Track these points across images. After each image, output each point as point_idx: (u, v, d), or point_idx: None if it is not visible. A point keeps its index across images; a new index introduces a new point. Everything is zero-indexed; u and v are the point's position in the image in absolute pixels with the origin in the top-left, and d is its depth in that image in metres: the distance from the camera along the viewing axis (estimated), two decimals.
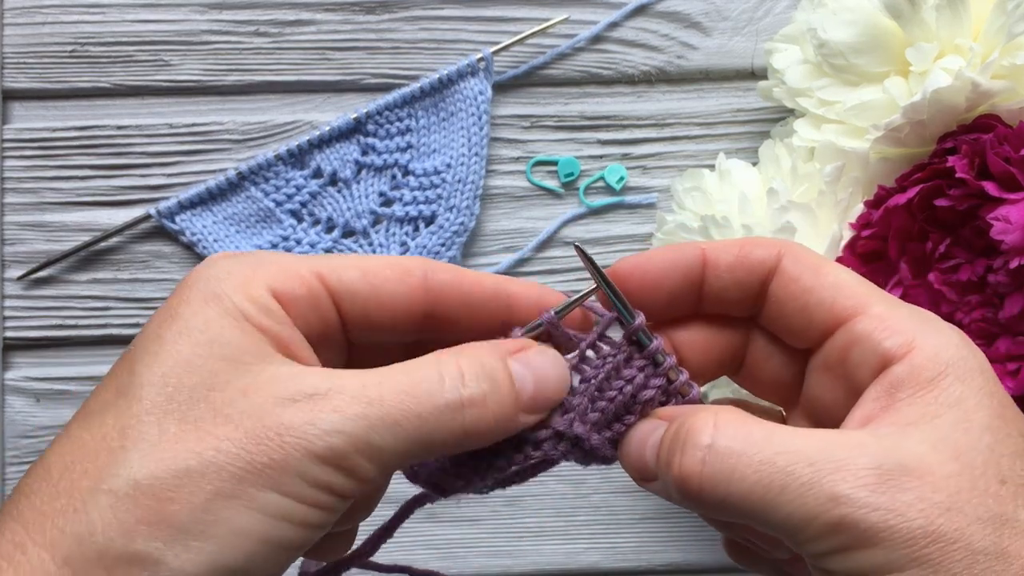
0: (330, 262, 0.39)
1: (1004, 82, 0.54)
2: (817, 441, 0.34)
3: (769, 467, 0.34)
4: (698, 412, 0.37)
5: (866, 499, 0.33)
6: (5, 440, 0.70)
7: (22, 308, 0.71)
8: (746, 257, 0.40)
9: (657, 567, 0.71)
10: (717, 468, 0.35)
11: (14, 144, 0.71)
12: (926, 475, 0.33)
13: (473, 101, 0.70)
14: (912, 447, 0.34)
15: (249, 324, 0.36)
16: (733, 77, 0.72)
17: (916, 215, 0.55)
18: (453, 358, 0.37)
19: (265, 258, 0.38)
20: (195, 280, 0.37)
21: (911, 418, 0.35)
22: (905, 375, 0.36)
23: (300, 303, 0.37)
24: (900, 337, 0.37)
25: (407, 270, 0.39)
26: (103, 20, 0.71)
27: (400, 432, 0.34)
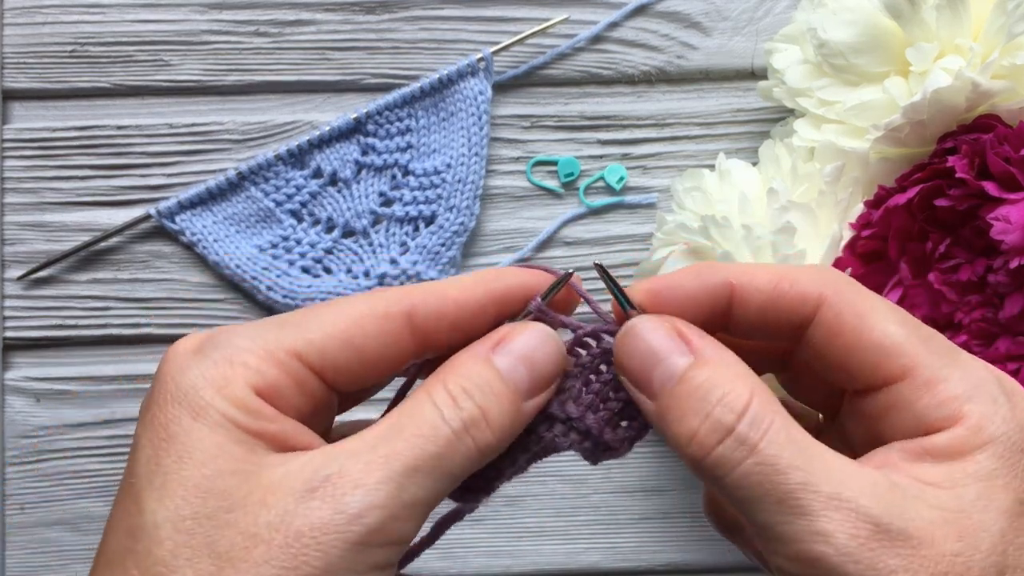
0: (304, 333, 0.36)
1: (1004, 82, 0.54)
2: (835, 471, 0.33)
3: (777, 476, 0.33)
4: (734, 373, 0.35)
5: (851, 549, 0.32)
6: (5, 440, 0.70)
7: (22, 308, 0.71)
8: (781, 297, 0.37)
9: (657, 567, 0.71)
10: (731, 454, 0.33)
11: (14, 144, 0.71)
12: (924, 547, 0.32)
13: (473, 101, 0.70)
14: (921, 512, 0.33)
15: (242, 432, 0.34)
16: (733, 77, 0.72)
17: (916, 215, 0.55)
18: (440, 384, 0.35)
19: (235, 346, 0.35)
20: (174, 392, 0.35)
21: (932, 479, 0.34)
22: (941, 445, 0.34)
23: (285, 394, 0.35)
24: (946, 408, 0.34)
25: (388, 317, 0.37)
26: (103, 20, 0.71)
27: (426, 478, 0.34)
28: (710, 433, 0.34)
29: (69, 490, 0.70)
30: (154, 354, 0.71)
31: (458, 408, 0.35)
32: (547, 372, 0.37)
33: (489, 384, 0.36)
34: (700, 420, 0.34)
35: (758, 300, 0.37)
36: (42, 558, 0.70)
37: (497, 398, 0.36)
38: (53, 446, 0.70)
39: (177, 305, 0.71)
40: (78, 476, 0.70)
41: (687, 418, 0.35)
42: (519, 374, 0.37)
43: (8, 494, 0.70)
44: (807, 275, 0.37)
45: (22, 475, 0.70)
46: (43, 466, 0.70)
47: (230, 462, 0.33)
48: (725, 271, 0.38)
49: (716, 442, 0.34)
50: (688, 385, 0.35)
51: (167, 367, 0.36)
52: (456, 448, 0.34)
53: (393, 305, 0.37)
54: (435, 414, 0.34)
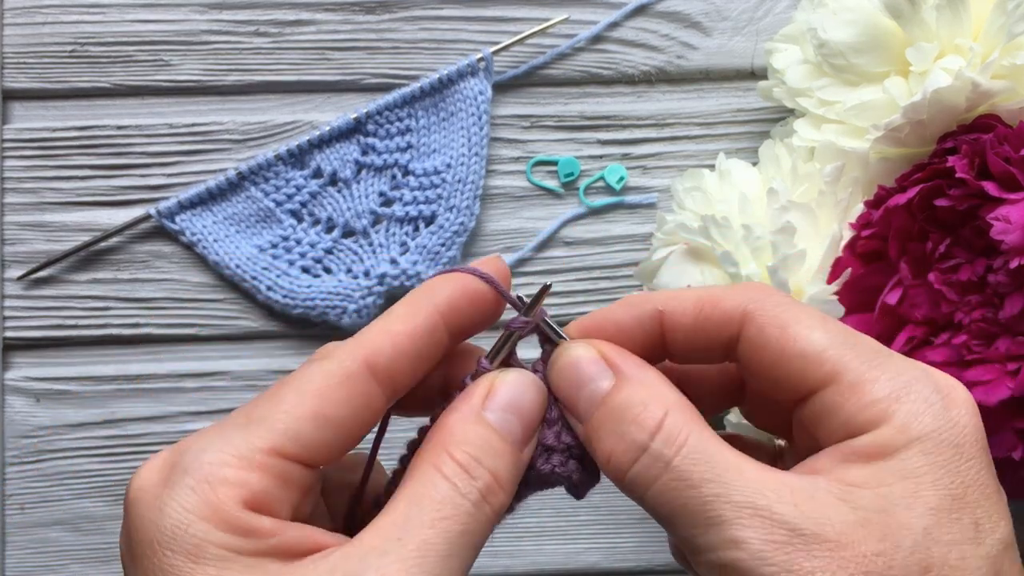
0: (275, 424, 0.34)
1: (1004, 82, 0.54)
2: (751, 481, 0.33)
3: (691, 490, 0.33)
4: (650, 391, 0.36)
5: (765, 553, 0.32)
6: (5, 440, 0.70)
7: (22, 308, 0.71)
8: (706, 320, 0.38)
9: (657, 567, 0.71)
10: (646, 472, 0.35)
11: (14, 144, 0.71)
12: (842, 547, 0.32)
13: (473, 101, 0.70)
14: (842, 514, 0.33)
15: (248, 557, 0.32)
16: (733, 77, 0.72)
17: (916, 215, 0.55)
18: (445, 453, 0.35)
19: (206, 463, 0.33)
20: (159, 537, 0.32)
21: (856, 480, 0.34)
22: (865, 445, 0.34)
23: (275, 495, 0.34)
24: (871, 410, 0.34)
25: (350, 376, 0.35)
26: (103, 20, 0.71)
27: (459, 559, 0.33)
28: (625, 452, 0.35)
29: (69, 490, 0.70)
30: (154, 354, 0.71)
31: (472, 479, 0.35)
32: (536, 417, 0.38)
33: (491, 445, 0.36)
34: (616, 440, 0.36)
35: (685, 324, 0.38)
36: (42, 558, 0.70)
37: (502, 457, 0.36)
38: (53, 446, 0.70)
39: (177, 305, 0.71)
40: (78, 476, 0.70)
41: (605, 439, 0.36)
42: (512, 426, 0.37)
43: (8, 494, 0.70)
44: (730, 293, 0.38)
45: (22, 475, 0.70)
46: (43, 466, 0.70)
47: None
48: (653, 300, 0.39)
49: (631, 461, 0.35)
50: (607, 407, 0.37)
51: (140, 509, 0.33)
52: (478, 519, 0.35)
53: (349, 365, 0.35)
54: (450, 489, 0.34)
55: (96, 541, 0.70)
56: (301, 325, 0.71)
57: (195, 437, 0.34)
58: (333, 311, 0.70)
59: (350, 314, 0.69)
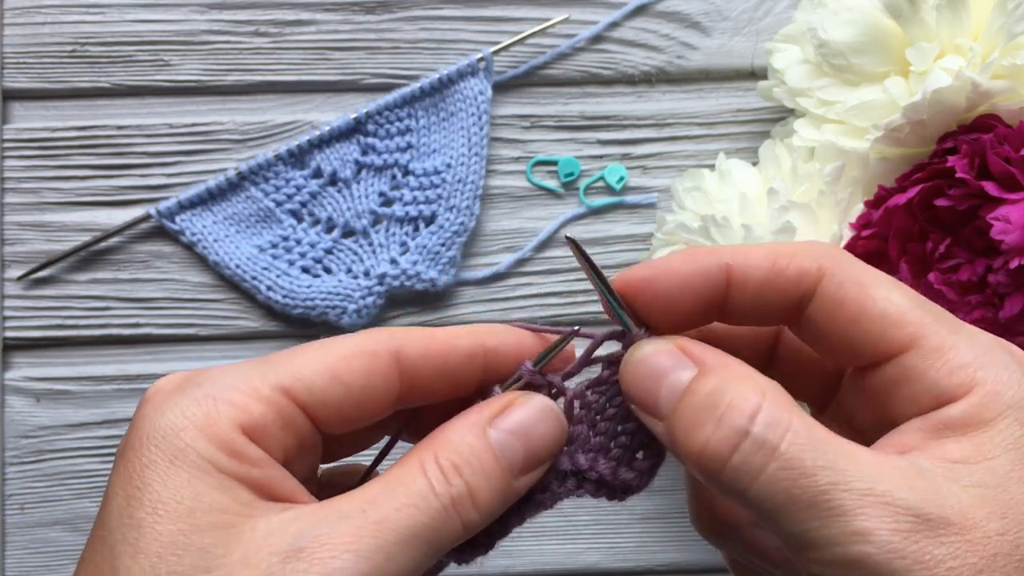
0: (291, 369, 0.35)
1: (1004, 82, 0.54)
2: (862, 464, 0.31)
3: (804, 479, 0.31)
4: (742, 377, 0.34)
5: (895, 544, 0.30)
6: (5, 440, 0.70)
7: (22, 308, 0.71)
8: (779, 275, 0.35)
9: (657, 567, 0.71)
10: (749, 460, 0.32)
11: (14, 144, 0.71)
12: (967, 530, 0.30)
13: (473, 101, 0.70)
14: (958, 494, 0.31)
15: (225, 476, 0.32)
16: (733, 77, 0.72)
17: (916, 215, 0.55)
18: (431, 454, 0.34)
19: (219, 383, 0.34)
20: (151, 433, 0.33)
21: (958, 455, 0.32)
22: (959, 416, 0.32)
23: (272, 432, 0.34)
24: (958, 375, 0.33)
25: (375, 354, 0.35)
26: (103, 20, 0.71)
27: (414, 550, 0.32)
28: (723, 440, 0.32)
29: (69, 490, 0.70)
30: (154, 354, 0.71)
31: (448, 484, 0.34)
32: (544, 449, 0.37)
33: (480, 460, 0.35)
34: (710, 429, 0.33)
35: (756, 280, 0.36)
36: (42, 558, 0.70)
37: (486, 476, 0.34)
38: (53, 446, 0.70)
39: (177, 305, 0.71)
40: (78, 476, 0.70)
41: (696, 430, 0.33)
42: (513, 451, 0.35)
43: (8, 494, 0.70)
44: (805, 250, 0.36)
45: (22, 475, 0.70)
46: (43, 466, 0.70)
47: (209, 514, 0.31)
48: (720, 253, 0.36)
49: (731, 449, 0.32)
50: (693, 397, 0.34)
51: (145, 408, 0.34)
52: (444, 523, 0.33)
53: (381, 343, 0.36)
54: (426, 485, 0.33)
55: None
56: (301, 325, 0.71)
57: (218, 366, 0.35)
58: (333, 311, 0.70)
59: (350, 314, 0.69)
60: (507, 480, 0.35)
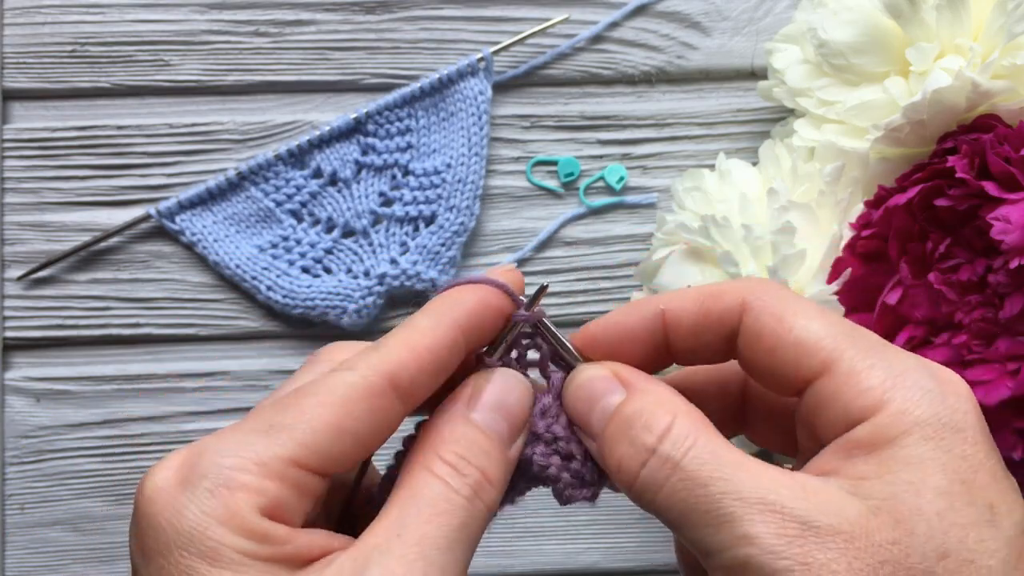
0: (297, 436, 0.34)
1: (1004, 82, 0.54)
2: (760, 478, 0.33)
3: (700, 489, 0.33)
4: (659, 400, 0.37)
5: (778, 547, 0.32)
6: (5, 440, 0.70)
7: (22, 308, 0.71)
8: (706, 316, 0.38)
9: (657, 567, 0.71)
10: (654, 474, 0.35)
11: (14, 144, 0.71)
12: (856, 538, 0.32)
13: (473, 101, 0.70)
14: (855, 506, 0.32)
15: (262, 563, 0.32)
16: (733, 77, 0.72)
17: (916, 215, 0.55)
18: (435, 455, 0.36)
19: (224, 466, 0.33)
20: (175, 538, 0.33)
21: (864, 473, 0.33)
22: (865, 434, 0.34)
23: (291, 505, 0.34)
24: (867, 397, 0.34)
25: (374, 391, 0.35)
26: (103, 20, 0.71)
27: (458, 553, 0.34)
28: (634, 457, 0.35)
29: (69, 490, 0.70)
30: (154, 354, 0.71)
31: (462, 476, 0.35)
32: (521, 415, 0.39)
33: (478, 444, 0.37)
34: (625, 447, 0.36)
35: (688, 321, 0.39)
36: (42, 558, 0.70)
37: (488, 455, 0.37)
38: (53, 446, 0.70)
39: (177, 305, 0.71)
40: (78, 476, 0.70)
41: (616, 448, 0.36)
42: (499, 425, 0.38)
43: (8, 494, 0.70)
44: (730, 287, 0.38)
45: (22, 475, 0.70)
46: (43, 466, 0.70)
47: None
48: (655, 301, 0.39)
49: (640, 464, 0.35)
50: (618, 418, 0.37)
51: (155, 508, 0.33)
52: (473, 514, 0.35)
53: (373, 380, 0.35)
54: (443, 487, 0.35)
55: (96, 541, 0.70)
56: (301, 325, 0.71)
57: (213, 439, 0.35)
58: (333, 311, 0.70)
59: (350, 314, 0.69)
60: (504, 452, 0.38)
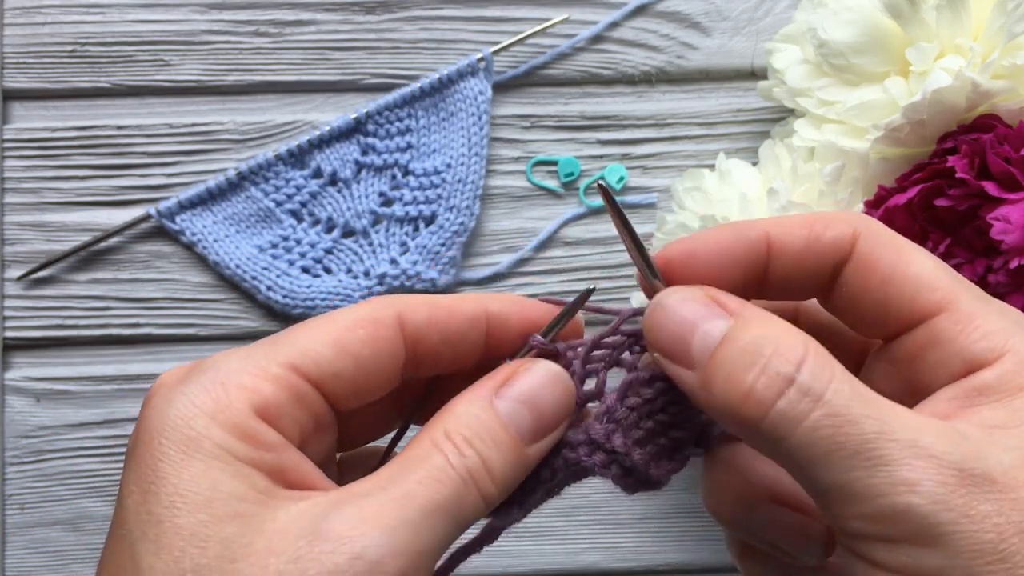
0: (297, 345, 0.34)
1: (1004, 82, 0.54)
2: (906, 419, 0.31)
3: (849, 427, 0.30)
4: (784, 328, 0.33)
5: (942, 495, 0.29)
6: (5, 440, 0.70)
7: (22, 308, 0.71)
8: (816, 240, 0.35)
9: (657, 567, 0.71)
10: (794, 407, 0.31)
11: (14, 144, 0.71)
12: (1011, 489, 0.30)
13: (473, 101, 0.70)
14: (999, 455, 0.30)
15: (241, 464, 0.32)
16: (733, 77, 0.72)
17: (916, 215, 0.55)
18: (441, 428, 0.34)
19: (225, 368, 0.33)
20: (160, 425, 0.32)
21: (996, 421, 0.32)
22: (992, 381, 0.32)
23: (286, 411, 0.33)
24: (991, 340, 0.33)
25: (378, 321, 0.35)
26: (103, 20, 0.71)
27: (439, 522, 0.32)
28: (768, 386, 0.31)
29: (69, 490, 0.70)
30: (154, 354, 0.71)
31: (462, 455, 0.33)
32: (553, 415, 0.36)
33: (489, 431, 0.34)
34: (755, 375, 0.32)
35: (795, 247, 0.36)
36: (42, 558, 0.70)
37: (498, 446, 0.34)
38: (53, 446, 0.70)
39: (177, 305, 0.71)
40: (78, 476, 0.70)
41: (738, 376, 0.32)
42: (522, 419, 0.35)
43: (8, 494, 0.70)
44: (840, 217, 0.36)
45: (22, 475, 0.70)
46: (43, 466, 0.70)
47: (228, 503, 0.31)
48: (760, 224, 0.36)
49: (776, 395, 0.31)
50: (734, 345, 0.33)
51: (152, 400, 0.33)
52: (464, 495, 0.33)
53: (382, 309, 0.35)
54: (442, 458, 0.33)
55: (96, 541, 0.70)
56: None
57: (222, 352, 0.34)
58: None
59: None
60: (519, 449, 0.35)
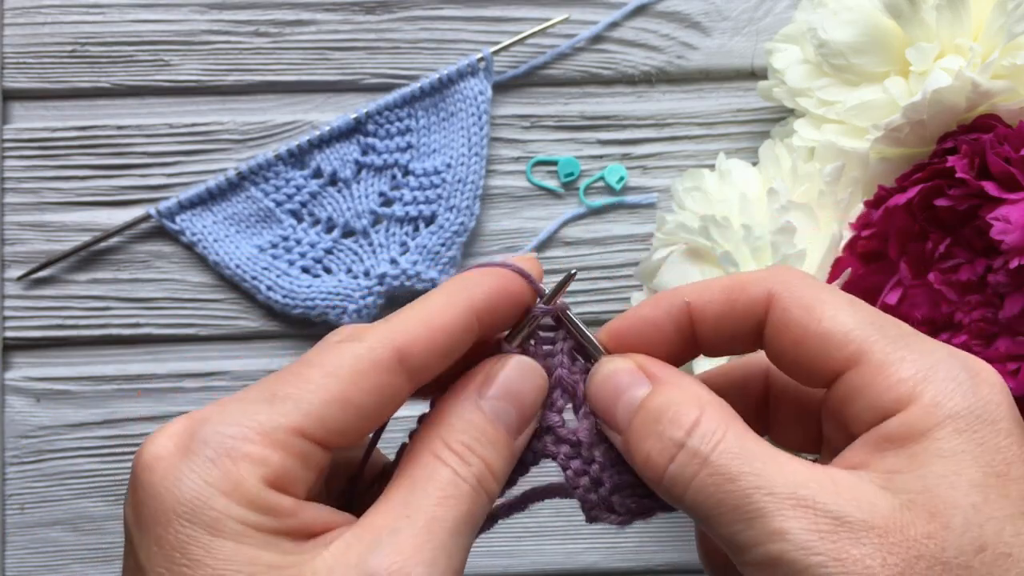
0: (302, 406, 0.33)
1: (1004, 82, 0.54)
2: (791, 473, 0.33)
3: (730, 484, 0.33)
4: (686, 393, 0.36)
5: (811, 543, 0.31)
6: (5, 440, 0.70)
7: (22, 308, 0.71)
8: (732, 306, 0.37)
9: (657, 567, 0.71)
10: (683, 469, 0.34)
11: (14, 144, 0.71)
12: (889, 533, 0.31)
13: (473, 101, 0.70)
14: (888, 500, 0.32)
15: (265, 535, 0.32)
16: (733, 77, 0.72)
17: (916, 215, 0.55)
18: (440, 441, 0.36)
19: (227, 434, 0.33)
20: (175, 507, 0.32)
21: (894, 467, 0.33)
22: (896, 428, 0.33)
23: (296, 476, 0.33)
24: (898, 390, 0.34)
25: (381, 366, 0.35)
26: (103, 20, 0.71)
27: (464, 538, 0.34)
28: (662, 451, 0.35)
29: (69, 490, 0.70)
30: (154, 354, 0.71)
31: (468, 465, 0.35)
32: (532, 406, 0.38)
33: (484, 432, 0.36)
34: (653, 441, 0.35)
35: (714, 312, 0.38)
36: (42, 558, 0.70)
37: (493, 445, 0.36)
38: (53, 446, 0.70)
39: (177, 305, 0.71)
40: (78, 476, 0.70)
41: (643, 442, 0.36)
42: (508, 414, 0.37)
43: (8, 494, 0.70)
44: (756, 277, 0.38)
45: (22, 475, 0.70)
46: (43, 466, 0.70)
47: (266, 572, 0.31)
48: (680, 293, 0.39)
49: (668, 459, 0.34)
50: (644, 411, 0.36)
51: (154, 477, 0.32)
52: (477, 501, 0.35)
53: (381, 352, 0.35)
54: (449, 472, 0.35)
55: (96, 541, 0.70)
56: (301, 325, 0.71)
57: (214, 407, 0.34)
58: (333, 311, 0.70)
59: (350, 314, 0.69)
60: (509, 443, 0.37)
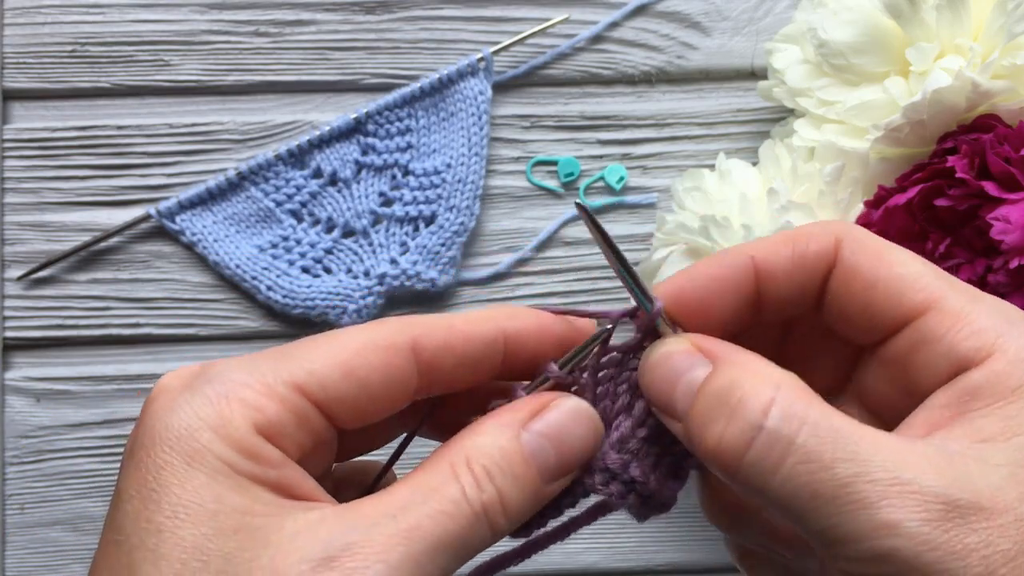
0: (305, 365, 0.33)
1: (1004, 82, 0.54)
2: (885, 452, 0.30)
3: (824, 472, 0.29)
4: (755, 371, 0.32)
5: (926, 535, 0.28)
6: (5, 440, 0.70)
7: (22, 308, 0.71)
8: (801, 256, 0.35)
9: (657, 567, 0.71)
10: (766, 454, 0.30)
11: (14, 144, 0.71)
12: (998, 514, 0.29)
13: (473, 101, 0.70)
14: (988, 476, 0.29)
15: (244, 478, 0.31)
16: (733, 77, 0.72)
17: (916, 215, 0.55)
18: (463, 458, 0.33)
19: (230, 380, 0.33)
20: (163, 433, 0.32)
21: (987, 433, 0.30)
22: (983, 383, 0.31)
23: (288, 431, 0.33)
24: (979, 339, 0.32)
25: (392, 347, 0.34)
26: (103, 20, 0.71)
27: (443, 558, 0.32)
28: (736, 435, 0.31)
29: (69, 490, 0.70)
30: (154, 354, 0.71)
31: (480, 490, 0.33)
32: (576, 454, 0.35)
33: (511, 465, 0.33)
34: (723, 424, 0.31)
35: (782, 266, 0.35)
36: (42, 558, 0.70)
37: (517, 481, 0.33)
38: (53, 446, 0.70)
39: (177, 305, 0.71)
40: (78, 476, 0.70)
41: (709, 427, 0.32)
42: (546, 455, 0.34)
43: (8, 494, 0.70)
44: (819, 227, 0.36)
45: (22, 475, 0.70)
46: (43, 466, 0.70)
47: (232, 518, 0.30)
48: (744, 249, 0.36)
49: (745, 444, 0.31)
50: (707, 393, 0.33)
51: (155, 405, 0.33)
52: (474, 530, 0.32)
53: (397, 335, 0.34)
54: (457, 490, 0.32)
55: (96, 541, 0.70)
56: (301, 325, 0.71)
57: (229, 359, 0.34)
58: (333, 311, 0.70)
59: (350, 314, 0.69)
60: (538, 485, 0.34)
